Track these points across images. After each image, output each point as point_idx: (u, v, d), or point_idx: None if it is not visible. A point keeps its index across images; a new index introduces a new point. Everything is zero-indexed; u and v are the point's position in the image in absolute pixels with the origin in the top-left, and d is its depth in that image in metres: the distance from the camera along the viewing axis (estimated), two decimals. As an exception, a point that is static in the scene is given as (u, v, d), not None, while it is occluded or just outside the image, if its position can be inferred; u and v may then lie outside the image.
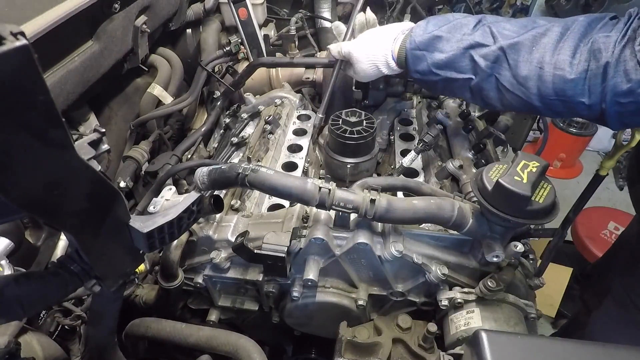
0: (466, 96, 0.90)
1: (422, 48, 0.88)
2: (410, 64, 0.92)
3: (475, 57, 0.82)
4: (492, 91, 0.84)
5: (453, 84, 0.88)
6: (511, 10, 3.62)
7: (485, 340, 0.61)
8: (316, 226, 0.84)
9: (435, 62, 0.87)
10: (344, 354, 0.79)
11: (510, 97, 0.82)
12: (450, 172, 1.03)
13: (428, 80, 0.91)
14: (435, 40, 0.87)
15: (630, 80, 0.68)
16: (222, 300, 1.00)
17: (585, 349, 0.60)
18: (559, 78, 0.75)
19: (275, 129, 1.22)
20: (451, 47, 0.85)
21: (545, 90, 0.77)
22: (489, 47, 0.81)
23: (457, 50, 0.84)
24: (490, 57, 0.81)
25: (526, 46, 0.78)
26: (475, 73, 0.84)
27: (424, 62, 0.89)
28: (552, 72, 0.75)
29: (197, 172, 0.83)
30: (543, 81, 0.77)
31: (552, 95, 0.77)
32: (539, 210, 0.67)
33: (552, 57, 0.75)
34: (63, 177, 0.43)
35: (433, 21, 0.90)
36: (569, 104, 0.76)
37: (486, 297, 0.79)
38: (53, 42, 0.85)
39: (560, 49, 0.75)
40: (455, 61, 0.85)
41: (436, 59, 0.87)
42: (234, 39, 1.54)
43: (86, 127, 1.15)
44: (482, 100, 0.88)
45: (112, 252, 0.57)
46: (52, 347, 0.81)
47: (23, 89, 0.34)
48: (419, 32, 0.89)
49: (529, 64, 0.77)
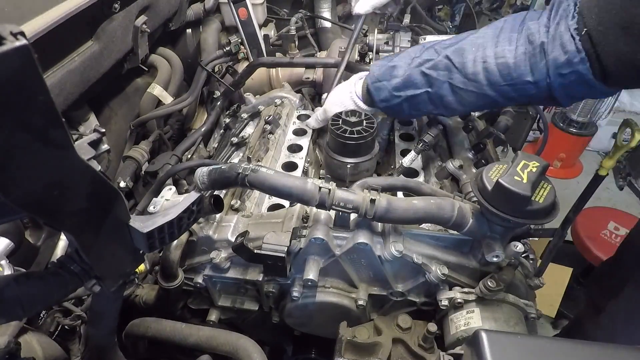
0: (429, 108, 0.96)
1: (381, 79, 0.99)
2: (374, 95, 1.01)
3: (427, 71, 0.91)
4: (449, 96, 0.91)
5: (415, 100, 0.95)
6: (511, 10, 3.62)
7: (485, 340, 0.61)
8: (316, 226, 0.84)
9: (394, 87, 0.96)
10: (344, 354, 0.79)
11: (466, 94, 0.88)
12: (450, 172, 1.03)
13: (393, 105, 0.99)
14: (391, 69, 0.97)
15: (567, 52, 0.74)
16: (222, 300, 1.00)
17: (585, 349, 0.60)
18: (503, 65, 0.82)
19: (275, 129, 1.22)
20: (404, 70, 0.95)
21: (494, 78, 0.83)
22: (436, 60, 0.90)
23: (409, 69, 0.94)
24: (440, 66, 0.89)
25: (467, 49, 0.86)
26: (430, 85, 0.92)
27: (385, 90, 0.98)
28: (495, 62, 0.82)
29: (197, 172, 0.83)
30: (490, 72, 0.83)
31: (502, 82, 0.83)
32: (539, 210, 0.67)
33: (492, 50, 0.83)
34: (63, 177, 0.43)
35: (387, 57, 1.03)
36: (517, 86, 0.82)
37: (486, 297, 0.79)
38: (53, 42, 0.85)
39: (498, 42, 0.83)
40: (411, 79, 0.93)
41: (394, 83, 0.96)
42: (234, 39, 1.54)
43: (86, 127, 1.15)
44: (443, 108, 0.94)
45: (112, 252, 0.57)
46: (52, 347, 0.81)
47: (23, 89, 0.34)
48: (375, 68, 1.01)
49: (474, 62, 0.85)
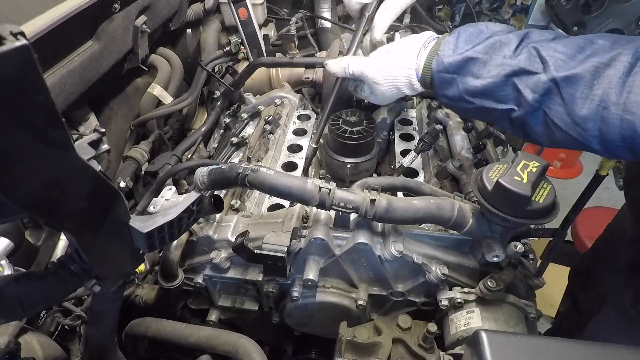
0: (504, 126, 0.77)
1: (452, 71, 0.75)
2: (437, 87, 0.79)
3: (520, 87, 0.69)
4: (538, 126, 0.70)
5: (490, 114, 0.75)
6: (511, 10, 3.62)
7: (485, 340, 0.61)
8: (316, 226, 0.84)
9: (468, 89, 0.74)
10: (344, 354, 0.79)
11: (562, 136, 0.68)
12: (450, 172, 1.03)
13: (459, 107, 0.79)
14: (469, 62, 0.73)
15: None
16: (222, 300, 1.00)
17: (585, 349, 0.60)
18: (629, 124, 0.60)
19: (275, 129, 1.22)
20: (489, 73, 0.71)
21: (610, 135, 0.63)
22: (537, 76, 0.67)
23: (496, 77, 0.70)
24: (539, 89, 0.67)
25: (585, 79, 0.63)
26: (518, 104, 0.70)
27: (455, 87, 0.75)
28: (620, 115, 0.61)
29: (197, 172, 0.83)
30: (607, 124, 0.62)
31: (618, 142, 0.63)
32: (539, 210, 0.67)
33: (619, 97, 0.61)
34: (63, 177, 0.43)
35: (464, 35, 0.75)
36: (638, 154, 0.63)
37: (486, 297, 0.79)
38: (53, 42, 0.85)
39: (631, 85, 0.60)
40: (495, 90, 0.71)
41: (470, 85, 0.73)
42: (234, 39, 1.54)
43: (86, 127, 1.15)
44: (524, 133, 0.74)
45: (112, 252, 0.57)
46: (52, 347, 0.81)
47: (23, 89, 0.34)
48: (447, 51, 0.76)
49: (589, 102, 0.63)
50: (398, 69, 0.82)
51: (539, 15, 4.21)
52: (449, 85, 0.76)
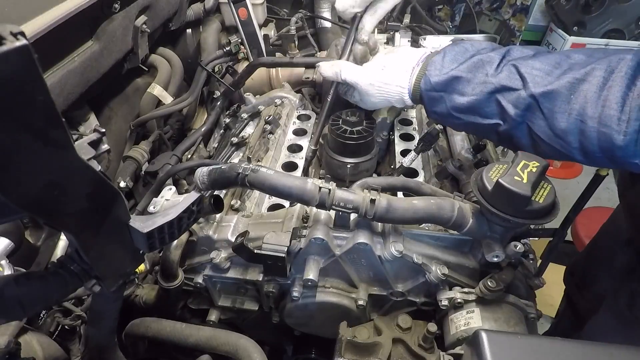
0: (493, 139, 0.80)
1: (439, 89, 0.78)
2: (427, 104, 0.82)
3: (503, 103, 0.71)
4: (524, 139, 0.73)
5: (478, 128, 0.78)
6: (511, 10, 3.62)
7: (485, 340, 0.61)
8: (316, 226, 0.84)
9: (455, 106, 0.77)
10: (344, 354, 0.79)
11: (547, 148, 0.71)
12: (450, 172, 1.03)
13: (448, 122, 0.82)
14: (454, 81, 0.76)
15: None
16: (222, 300, 1.00)
17: (585, 349, 0.60)
18: (606, 137, 0.63)
19: (275, 129, 1.22)
20: (473, 91, 0.74)
21: (590, 147, 0.65)
22: (517, 92, 0.70)
23: (480, 94, 0.73)
24: (521, 105, 0.70)
25: (562, 95, 0.66)
26: (503, 119, 0.73)
27: (443, 105, 0.79)
28: (596, 128, 0.63)
29: (197, 172, 0.83)
30: (586, 137, 0.65)
31: (598, 153, 0.65)
32: (539, 210, 0.66)
33: (595, 110, 0.63)
34: (63, 177, 0.43)
35: (450, 55, 0.79)
36: (618, 164, 0.66)
37: (486, 297, 0.79)
38: (53, 42, 0.85)
39: (605, 99, 0.63)
40: (479, 106, 0.74)
41: (456, 102, 0.76)
42: (234, 39, 1.54)
43: (86, 127, 1.15)
44: (512, 146, 0.77)
45: (112, 252, 0.57)
46: (52, 347, 0.81)
47: (23, 89, 0.34)
48: (434, 70, 0.79)
49: (568, 116, 0.66)
50: (391, 86, 0.85)
51: (539, 15, 4.24)
52: (437, 103, 0.80)
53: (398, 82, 0.84)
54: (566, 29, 3.44)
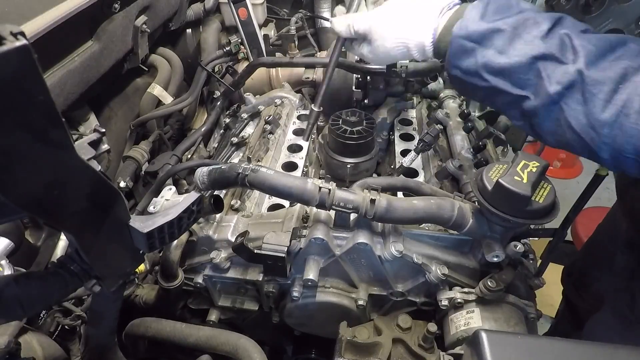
0: (511, 114, 0.70)
1: (475, 39, 0.67)
2: (452, 55, 0.70)
3: (543, 74, 0.63)
4: (548, 122, 0.65)
5: (500, 97, 0.68)
6: (511, 10, 3.61)
7: (485, 340, 0.61)
8: (316, 226, 0.83)
9: (488, 64, 0.66)
10: (344, 354, 0.79)
11: (572, 137, 0.63)
12: (450, 172, 1.03)
13: (468, 82, 0.70)
14: (496, 34, 0.66)
15: None
16: (222, 300, 1.00)
17: (585, 349, 0.60)
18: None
19: (275, 129, 1.22)
20: (515, 51, 0.65)
21: (624, 145, 0.59)
22: (565, 66, 0.62)
23: (522, 56, 0.64)
24: (564, 81, 0.61)
25: (612, 81, 0.59)
26: (535, 93, 0.64)
27: (472, 59, 0.68)
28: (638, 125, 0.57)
29: (197, 172, 0.83)
30: (625, 132, 0.58)
31: (630, 153, 0.59)
32: (539, 210, 0.67)
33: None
34: (63, 177, 0.43)
35: (493, 5, 0.68)
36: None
37: (486, 297, 0.79)
38: (53, 42, 0.85)
39: None
40: (516, 71, 0.65)
41: (491, 60, 0.66)
42: (234, 39, 1.54)
43: (86, 127, 1.15)
44: (530, 127, 0.69)
45: (112, 252, 0.57)
46: (52, 347, 0.81)
47: (23, 89, 0.34)
48: (474, 16, 0.68)
49: (612, 106, 0.59)
50: (414, 26, 0.73)
51: (539, 15, 4.12)
52: (466, 56, 0.68)
53: (423, 21, 0.72)
54: (566, 29, 3.44)
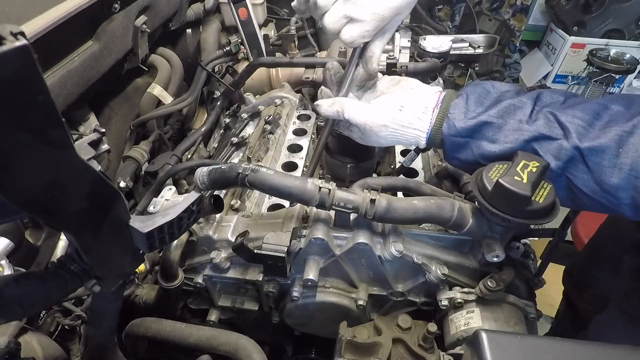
0: None
1: (465, 135, 0.71)
2: (449, 150, 0.76)
3: (541, 152, 0.66)
4: (561, 191, 0.68)
5: None
6: (511, 10, 3.62)
7: (485, 340, 0.61)
8: (316, 226, 0.83)
9: (484, 154, 0.71)
10: (344, 354, 0.79)
11: (589, 202, 0.67)
12: (450, 172, 1.03)
13: (469, 168, 0.75)
14: (483, 127, 0.70)
15: None
16: (222, 300, 1.00)
17: (585, 349, 0.60)
18: None
19: (275, 129, 1.22)
20: (506, 138, 0.68)
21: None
22: (558, 142, 0.65)
23: (514, 142, 0.67)
24: (563, 156, 0.65)
25: (611, 148, 0.62)
26: None
27: (468, 151, 0.72)
28: None
29: (197, 172, 0.83)
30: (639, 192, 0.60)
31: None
32: (539, 210, 0.66)
33: None
34: (63, 177, 0.43)
35: (472, 97, 0.73)
36: None
37: (486, 297, 0.79)
38: (53, 42, 0.85)
39: None
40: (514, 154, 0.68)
41: (486, 150, 0.70)
42: (234, 39, 1.54)
43: (86, 127, 1.16)
44: None
45: (112, 252, 0.57)
46: (52, 347, 0.81)
47: (23, 89, 0.34)
48: (458, 114, 0.72)
49: (619, 171, 0.61)
50: (408, 129, 0.77)
51: (539, 15, 4.23)
52: (461, 149, 0.73)
53: (416, 124, 0.76)
54: (566, 29, 3.45)
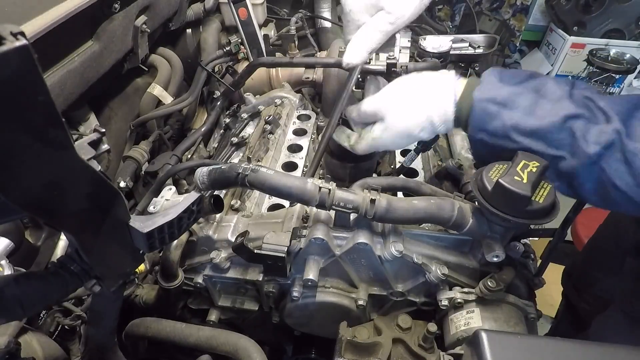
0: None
1: (499, 102, 0.65)
2: (476, 119, 0.67)
3: (577, 134, 0.60)
4: (590, 182, 0.62)
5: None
6: (511, 10, 3.62)
7: (485, 340, 0.61)
8: (316, 226, 0.84)
9: (517, 126, 0.64)
10: (344, 354, 0.79)
11: (620, 197, 0.60)
12: (450, 172, 1.03)
13: (497, 145, 0.67)
14: (519, 96, 0.64)
15: None
16: (222, 300, 1.00)
17: (585, 349, 0.60)
18: None
19: (275, 129, 1.22)
20: (544, 111, 0.62)
21: None
22: (598, 126, 0.60)
23: (554, 116, 0.61)
24: (602, 141, 0.59)
25: None
26: (572, 153, 0.62)
27: (499, 122, 0.65)
28: None
29: (197, 172, 0.83)
30: None
31: None
32: (539, 210, 0.66)
33: None
34: (63, 177, 0.43)
35: (507, 72, 0.68)
36: None
37: (486, 297, 0.79)
38: (53, 42, 0.85)
39: None
40: (549, 131, 0.62)
41: (520, 121, 0.63)
42: (234, 39, 1.54)
43: (86, 127, 1.15)
44: (569, 187, 0.66)
45: (112, 252, 0.57)
46: (52, 347, 0.81)
47: (23, 89, 0.34)
48: (493, 80, 0.67)
49: None
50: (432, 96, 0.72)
51: (539, 15, 4.23)
52: (491, 119, 0.66)
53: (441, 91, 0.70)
54: (566, 29, 3.44)
